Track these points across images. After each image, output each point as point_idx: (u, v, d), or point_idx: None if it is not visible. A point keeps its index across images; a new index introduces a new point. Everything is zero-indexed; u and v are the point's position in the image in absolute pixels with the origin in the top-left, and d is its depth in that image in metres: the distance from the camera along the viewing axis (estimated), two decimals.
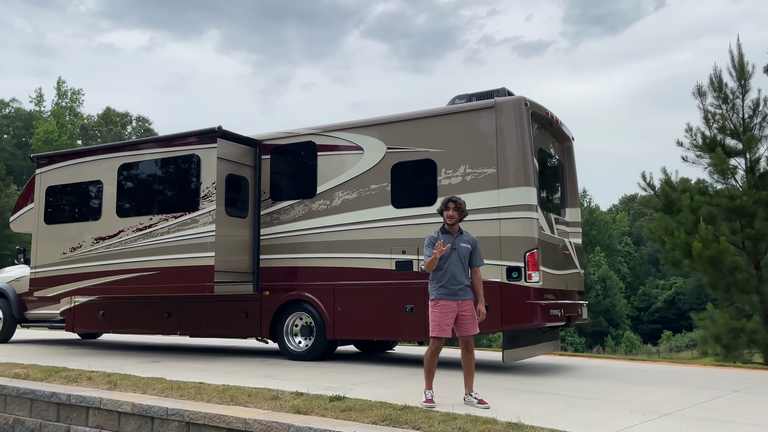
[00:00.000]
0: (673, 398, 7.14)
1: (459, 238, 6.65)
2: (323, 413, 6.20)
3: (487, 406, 6.30)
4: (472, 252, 6.70)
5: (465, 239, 6.68)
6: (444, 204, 6.66)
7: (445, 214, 6.64)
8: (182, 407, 6.60)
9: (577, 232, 10.72)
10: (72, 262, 11.02)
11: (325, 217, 10.06)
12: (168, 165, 10.47)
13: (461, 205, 6.64)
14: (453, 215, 6.62)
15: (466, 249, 6.63)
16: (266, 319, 10.36)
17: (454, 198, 6.67)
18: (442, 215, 6.69)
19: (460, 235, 6.68)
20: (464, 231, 6.78)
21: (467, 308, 6.56)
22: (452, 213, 6.61)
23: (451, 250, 6.55)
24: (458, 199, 6.66)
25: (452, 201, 6.63)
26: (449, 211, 6.61)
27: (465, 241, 6.67)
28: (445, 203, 6.65)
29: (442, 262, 6.55)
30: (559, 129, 10.46)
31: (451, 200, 6.64)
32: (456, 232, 6.68)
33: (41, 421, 7.71)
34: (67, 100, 69.60)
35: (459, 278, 6.53)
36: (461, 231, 6.73)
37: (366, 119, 10.07)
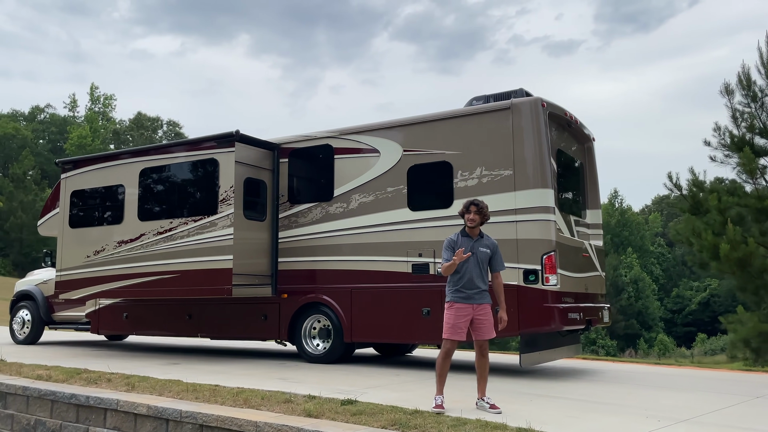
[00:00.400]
0: (693, 404, 6.99)
1: (479, 242, 6.57)
2: (334, 417, 6.19)
3: (498, 411, 6.23)
4: (493, 256, 6.61)
5: (485, 243, 6.60)
6: (466, 207, 6.58)
7: (467, 218, 6.56)
8: (196, 410, 6.65)
9: (598, 234, 10.57)
10: (95, 265, 11.20)
11: (342, 220, 10.06)
12: (187, 169, 10.58)
13: (483, 209, 6.55)
14: (474, 219, 6.53)
15: (485, 253, 6.55)
16: (284, 321, 10.40)
17: (477, 201, 6.57)
18: (463, 218, 6.61)
19: (480, 239, 6.60)
20: (485, 235, 6.68)
21: (483, 312, 6.49)
22: (474, 216, 6.53)
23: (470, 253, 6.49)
24: (480, 203, 6.56)
25: (474, 204, 6.54)
26: (471, 215, 6.54)
27: (484, 245, 6.58)
28: (467, 206, 6.57)
29: (459, 266, 6.48)
30: (579, 130, 10.32)
31: (474, 203, 6.55)
32: (476, 236, 6.60)
33: (61, 422, 7.84)
34: (100, 106, 70.87)
35: (476, 282, 6.46)
36: (481, 234, 6.64)
37: (382, 122, 10.06)
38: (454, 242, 6.55)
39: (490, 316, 6.53)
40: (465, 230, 6.61)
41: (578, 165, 10.46)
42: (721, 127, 15.23)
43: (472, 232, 6.58)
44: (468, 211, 6.53)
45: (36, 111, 77.33)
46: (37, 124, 74.51)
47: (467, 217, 6.54)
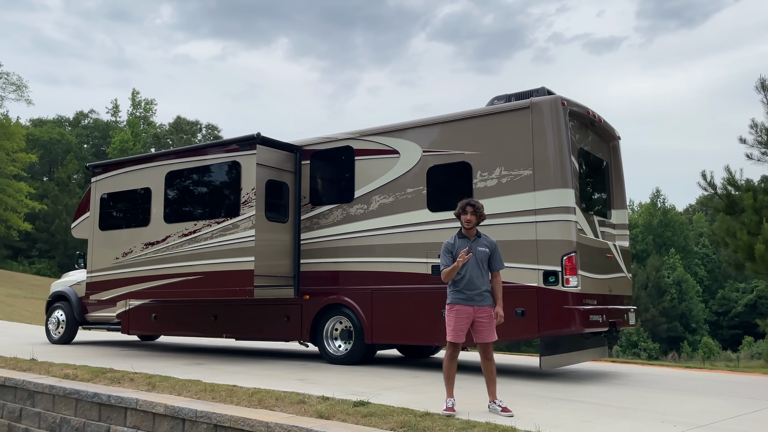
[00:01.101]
0: (715, 409, 6.79)
1: (476, 242, 6.52)
2: (345, 418, 6.20)
3: (510, 414, 6.15)
4: (492, 255, 6.55)
5: (483, 243, 6.54)
6: (461, 208, 6.53)
7: (463, 219, 6.52)
8: (211, 410, 6.73)
9: (624, 234, 10.35)
10: (124, 267, 11.43)
11: (363, 222, 10.07)
12: (211, 172, 10.72)
13: (479, 209, 6.50)
14: (471, 219, 6.49)
15: (484, 253, 6.49)
16: (306, 322, 10.45)
17: (472, 202, 6.53)
18: (459, 219, 6.57)
19: (477, 239, 6.54)
20: (482, 234, 6.63)
21: (484, 314, 6.42)
22: (470, 217, 6.48)
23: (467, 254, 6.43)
24: (476, 203, 6.52)
25: (470, 205, 6.50)
26: (467, 216, 6.49)
27: (483, 245, 6.53)
28: (463, 207, 6.52)
29: (460, 268, 6.44)
30: (604, 128, 10.14)
31: (469, 204, 6.51)
32: (473, 237, 6.54)
33: (85, 420, 8.02)
34: (141, 110, 72.37)
35: (476, 283, 6.40)
36: (479, 234, 6.59)
37: (402, 123, 10.03)
38: (451, 245, 6.51)
39: (492, 319, 6.45)
40: (461, 232, 6.55)
41: (603, 164, 10.27)
42: (758, 124, 14.81)
43: (469, 233, 6.53)
44: (464, 212, 6.47)
45: (80, 116, 79.38)
46: (81, 129, 76.45)
47: (463, 218, 6.48)
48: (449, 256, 6.48)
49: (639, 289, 72.83)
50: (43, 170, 71.86)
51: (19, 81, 44.01)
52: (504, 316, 8.57)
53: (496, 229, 8.87)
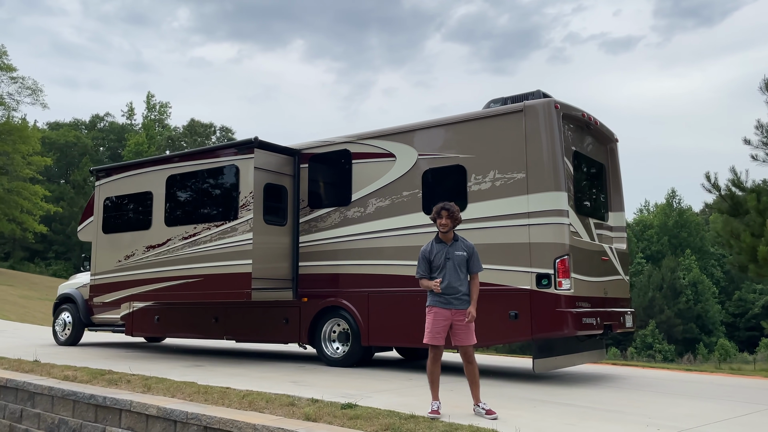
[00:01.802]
0: (703, 412, 6.78)
1: (454, 246, 6.56)
2: (331, 421, 6.26)
3: (494, 417, 6.19)
4: (470, 258, 6.59)
5: (460, 247, 6.58)
6: (437, 212, 6.58)
7: (438, 223, 6.57)
8: (201, 411, 6.82)
9: (622, 237, 10.34)
10: (126, 270, 11.58)
11: (360, 225, 10.14)
12: (210, 176, 10.84)
13: (454, 213, 6.55)
14: (446, 223, 6.53)
15: (462, 257, 6.53)
16: (305, 325, 10.53)
17: (447, 206, 6.57)
18: (435, 223, 6.62)
19: (455, 243, 6.59)
20: (460, 238, 6.68)
21: (462, 318, 6.46)
22: (445, 221, 6.53)
23: (445, 259, 6.49)
24: (451, 207, 6.56)
25: (445, 209, 6.54)
26: (442, 219, 6.54)
27: (461, 249, 6.57)
28: (438, 212, 6.57)
29: (436, 273, 6.51)
30: (600, 130, 10.13)
31: (444, 208, 6.55)
32: (450, 240, 6.59)
33: (82, 421, 8.14)
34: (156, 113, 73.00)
35: (455, 287, 6.45)
36: (456, 238, 6.63)
37: (398, 126, 10.09)
38: (428, 252, 6.58)
39: (471, 322, 6.49)
40: (438, 236, 6.60)
41: (599, 167, 10.25)
42: (763, 125, 14.71)
43: (446, 237, 6.58)
44: (439, 216, 6.52)
45: (96, 119, 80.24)
46: (97, 132, 77.28)
47: (439, 222, 6.54)
48: (425, 264, 6.57)
49: (654, 291, 72.30)
50: (60, 173, 72.74)
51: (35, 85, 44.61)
52: (497, 318, 8.67)
53: (490, 232, 8.92)
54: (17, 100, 44.84)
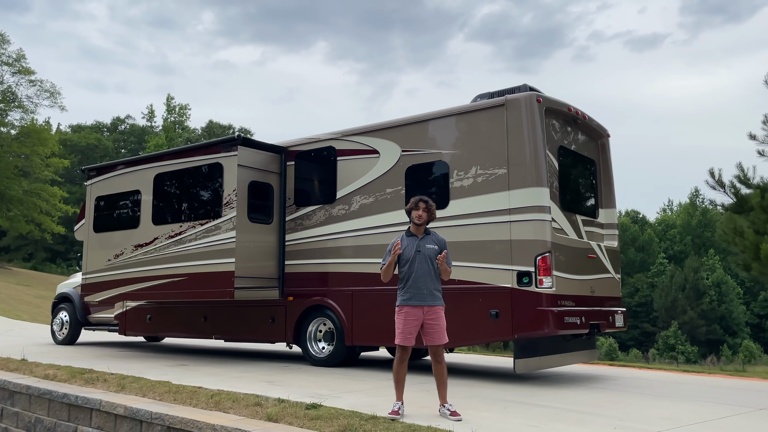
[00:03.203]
0: (680, 415, 6.52)
1: (425, 239, 6.39)
2: (291, 421, 6.12)
3: (458, 418, 6.00)
4: (441, 253, 6.40)
5: (431, 240, 6.40)
6: (414, 204, 6.41)
7: (414, 214, 6.40)
8: (165, 411, 6.72)
9: (613, 234, 10.07)
10: (115, 269, 11.56)
11: (344, 222, 10.00)
12: (196, 174, 10.77)
13: (431, 207, 6.40)
14: (422, 215, 6.37)
15: (433, 250, 6.34)
16: (290, 324, 10.42)
17: (425, 198, 6.42)
18: (409, 215, 6.45)
19: (426, 237, 6.42)
20: (431, 231, 6.50)
21: (434, 316, 6.27)
22: (421, 213, 6.37)
23: (416, 252, 6.30)
24: (428, 200, 6.41)
25: (423, 201, 6.39)
26: (419, 212, 6.37)
27: (431, 242, 6.39)
28: (416, 203, 6.40)
29: (406, 267, 6.31)
30: (589, 125, 9.88)
31: (422, 200, 6.40)
32: (422, 234, 6.42)
33: (56, 420, 8.10)
34: (175, 115, 73.59)
35: (424, 281, 6.26)
36: (428, 232, 6.46)
37: (382, 122, 9.94)
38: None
39: (442, 320, 6.30)
40: (410, 230, 6.43)
41: (589, 162, 9.99)
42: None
43: (418, 230, 6.40)
44: (416, 208, 6.35)
45: (117, 122, 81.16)
46: (118, 135, 78.18)
47: (414, 213, 6.36)
48: (390, 255, 6.38)
49: (677, 291, 71.20)
50: (82, 175, 73.61)
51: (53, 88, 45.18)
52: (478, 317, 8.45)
53: (472, 229, 8.73)
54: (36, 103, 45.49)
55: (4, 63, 42.87)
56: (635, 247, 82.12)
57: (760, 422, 6.33)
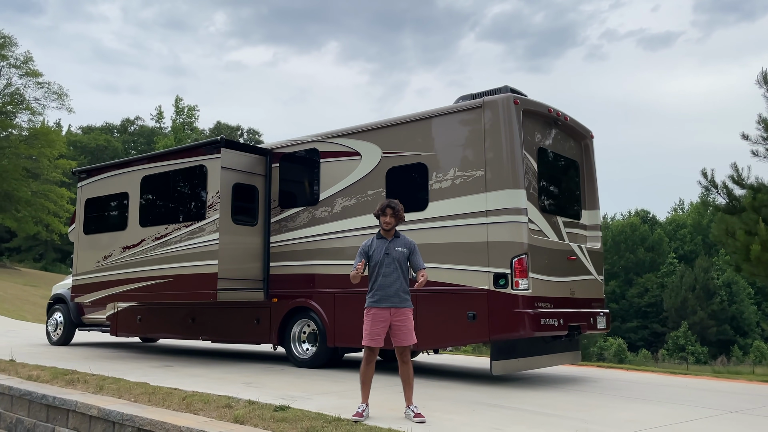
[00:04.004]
0: (648, 417, 6.50)
1: (394, 242, 6.43)
2: (257, 423, 6.17)
3: (422, 420, 6.03)
4: (411, 256, 6.44)
5: (400, 243, 6.44)
6: (381, 209, 6.45)
7: (382, 220, 6.44)
8: (135, 413, 6.78)
9: (596, 235, 10.03)
10: (103, 270, 11.66)
11: (327, 224, 10.03)
12: (181, 176, 10.84)
13: (398, 211, 6.43)
14: (390, 221, 6.41)
15: (401, 253, 6.38)
16: (275, 325, 10.46)
17: (392, 204, 6.45)
18: (378, 219, 6.49)
19: (395, 239, 6.45)
20: (401, 234, 6.54)
21: (401, 318, 6.31)
22: (389, 219, 6.41)
23: (384, 254, 6.34)
24: (396, 205, 6.44)
25: (390, 207, 6.42)
26: (386, 218, 6.41)
27: (400, 245, 6.42)
28: (383, 209, 6.44)
29: (375, 269, 6.35)
30: (572, 127, 9.85)
31: (389, 206, 6.43)
32: (391, 237, 6.45)
33: (35, 421, 8.18)
34: (184, 116, 74.00)
35: (392, 284, 6.29)
36: (397, 235, 6.50)
37: (364, 124, 9.95)
38: (368, 246, 6.47)
39: (410, 322, 6.33)
40: (380, 233, 6.47)
41: (571, 164, 9.96)
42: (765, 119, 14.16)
43: (387, 234, 6.45)
44: (384, 214, 6.39)
45: (127, 123, 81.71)
46: (128, 136, 78.71)
47: (382, 219, 6.40)
48: (362, 258, 6.42)
49: (686, 291, 70.68)
50: None
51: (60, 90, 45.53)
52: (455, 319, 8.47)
53: (450, 231, 8.74)
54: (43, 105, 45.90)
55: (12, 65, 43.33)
56: (645, 247, 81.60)
57: (724, 425, 6.30)
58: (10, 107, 44.10)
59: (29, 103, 44.58)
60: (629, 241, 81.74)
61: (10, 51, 43.53)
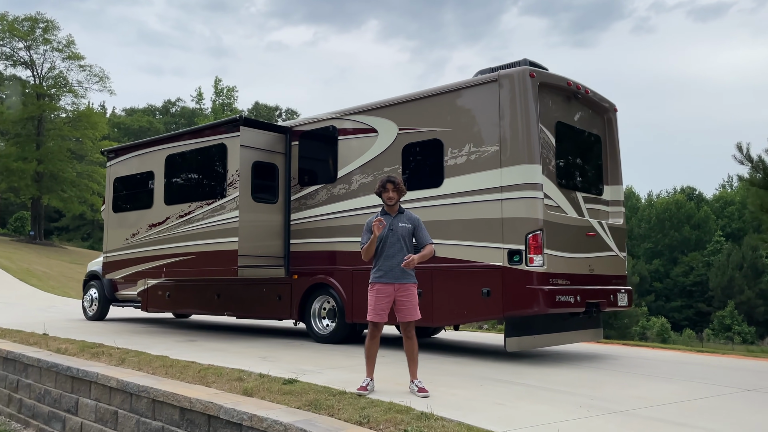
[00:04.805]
0: (658, 395, 6.40)
1: (398, 218, 6.42)
2: (264, 395, 6.28)
3: (425, 395, 6.06)
4: (416, 231, 6.42)
5: (404, 219, 6.43)
6: (382, 185, 6.44)
7: (384, 196, 6.43)
8: (150, 385, 6.98)
9: (618, 211, 9.84)
10: (132, 247, 11.95)
11: (345, 202, 10.06)
12: (202, 154, 10.99)
13: (399, 185, 6.42)
14: (392, 196, 6.40)
15: (405, 228, 6.37)
16: (295, 302, 10.59)
17: (392, 178, 6.43)
18: (380, 197, 6.48)
19: (399, 215, 6.44)
20: (405, 210, 6.52)
21: (406, 293, 6.31)
22: (391, 194, 6.40)
23: (389, 230, 6.33)
24: (395, 179, 6.43)
25: (390, 182, 6.40)
26: (388, 193, 6.40)
27: (404, 221, 6.41)
28: (383, 185, 6.42)
29: (379, 245, 6.35)
30: (593, 100, 9.64)
31: (389, 180, 6.41)
32: (395, 213, 6.44)
33: (61, 392, 8.49)
34: (223, 97, 74.82)
35: (396, 259, 6.29)
36: (401, 210, 6.48)
37: (380, 101, 9.91)
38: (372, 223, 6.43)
39: (414, 297, 6.33)
40: (384, 209, 6.45)
41: (593, 138, 9.76)
42: None
43: (391, 209, 6.43)
44: (385, 190, 6.37)
45: (168, 104, 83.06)
46: (169, 117, 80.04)
47: (385, 195, 6.39)
48: (369, 235, 6.41)
49: (734, 270, 68.93)
50: None
51: (101, 72, 46.46)
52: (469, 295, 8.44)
53: (465, 208, 8.69)
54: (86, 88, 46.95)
55: (56, 49, 44.34)
56: (690, 225, 79.78)
57: (731, 403, 6.17)
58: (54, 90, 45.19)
59: (72, 85, 45.68)
60: (674, 219, 80.00)
61: (53, 35, 44.52)
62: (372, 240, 6.26)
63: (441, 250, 8.77)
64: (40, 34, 43.39)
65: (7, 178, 41.96)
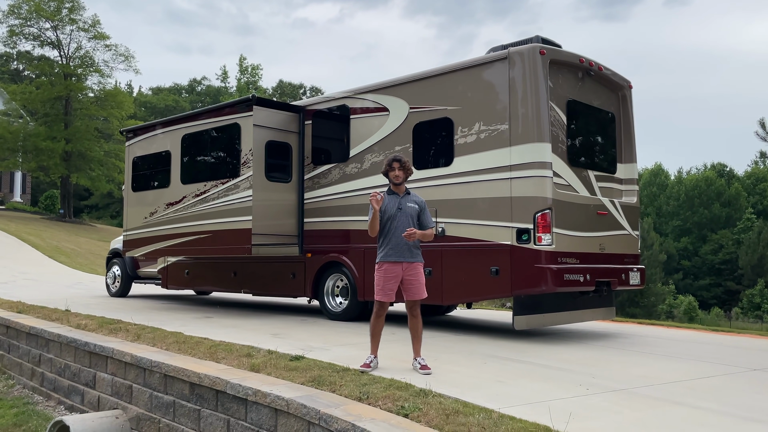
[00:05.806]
0: (662, 374, 6.40)
1: (406, 198, 6.46)
2: (270, 371, 6.41)
3: (428, 372, 6.14)
4: (421, 213, 6.46)
5: (412, 199, 6.48)
6: (389, 164, 6.47)
7: (391, 175, 6.47)
8: (162, 360, 7.15)
9: (632, 190, 9.76)
10: (150, 226, 12.16)
11: (357, 180, 10.12)
12: (217, 134, 11.10)
13: (406, 164, 6.46)
14: (399, 175, 6.44)
15: (413, 208, 6.42)
16: (309, 280, 10.72)
17: (398, 157, 6.47)
18: (387, 177, 6.52)
19: (407, 195, 6.49)
20: (411, 192, 6.57)
21: (413, 272, 6.37)
22: (398, 173, 6.44)
23: (397, 209, 6.37)
24: (401, 158, 6.46)
25: (396, 161, 6.44)
26: (395, 171, 6.44)
27: (412, 201, 6.47)
28: (390, 164, 6.46)
29: (387, 223, 6.39)
30: (607, 77, 9.52)
31: (395, 160, 6.45)
32: (402, 193, 6.48)
33: (80, 366, 8.74)
34: (248, 75, 74.90)
35: (405, 239, 6.33)
36: (408, 191, 6.53)
37: (391, 79, 9.90)
38: (378, 202, 6.45)
39: (421, 276, 6.39)
40: (390, 189, 6.49)
41: (606, 116, 9.65)
42: None
43: (398, 189, 6.48)
44: (392, 168, 6.42)
45: (194, 83, 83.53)
46: (195, 96, 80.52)
47: (391, 174, 6.44)
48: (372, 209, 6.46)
49: (764, 248, 67.70)
50: None
51: (127, 52, 46.80)
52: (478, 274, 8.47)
53: (474, 186, 8.69)
54: (111, 67, 47.37)
55: (81, 29, 44.73)
56: (720, 202, 78.44)
57: (735, 383, 6.16)
58: (80, 70, 45.66)
59: (98, 65, 46.09)
60: (704, 196, 78.70)
61: (79, 15, 44.87)
62: (374, 215, 6.30)
63: (451, 228, 8.81)
64: (66, 14, 43.81)
65: (37, 157, 42.62)
